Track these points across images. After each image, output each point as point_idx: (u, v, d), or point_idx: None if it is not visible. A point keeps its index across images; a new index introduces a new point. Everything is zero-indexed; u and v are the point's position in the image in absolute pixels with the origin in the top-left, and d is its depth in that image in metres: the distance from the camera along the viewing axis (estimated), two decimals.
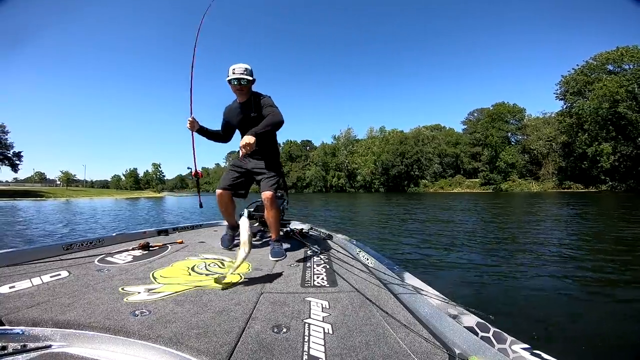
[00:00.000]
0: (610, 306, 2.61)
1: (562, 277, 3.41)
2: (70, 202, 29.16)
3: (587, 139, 44.63)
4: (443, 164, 69.51)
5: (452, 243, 5.62)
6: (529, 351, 0.83)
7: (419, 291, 1.37)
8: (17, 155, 53.27)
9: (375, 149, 73.20)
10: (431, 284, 1.41)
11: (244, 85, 2.20)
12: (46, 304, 1.21)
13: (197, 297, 1.35)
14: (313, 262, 2.10)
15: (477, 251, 4.91)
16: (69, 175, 71.02)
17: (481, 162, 63.43)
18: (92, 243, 2.39)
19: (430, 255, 4.65)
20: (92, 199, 38.40)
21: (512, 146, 59.85)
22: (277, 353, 0.92)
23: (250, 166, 2.37)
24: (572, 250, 4.78)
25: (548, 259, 4.27)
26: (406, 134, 73.37)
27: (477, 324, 1.02)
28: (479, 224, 8.54)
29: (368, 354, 0.94)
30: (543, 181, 54.19)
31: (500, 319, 2.19)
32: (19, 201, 28.88)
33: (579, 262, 4.06)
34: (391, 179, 70.73)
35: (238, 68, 2.18)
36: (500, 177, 57.47)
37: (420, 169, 68.95)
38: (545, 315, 2.41)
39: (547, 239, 5.91)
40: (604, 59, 44.41)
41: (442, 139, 71.85)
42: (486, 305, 2.54)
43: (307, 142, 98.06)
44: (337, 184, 77.03)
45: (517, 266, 3.93)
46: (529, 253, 4.67)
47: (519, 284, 3.22)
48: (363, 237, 6.47)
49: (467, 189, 61.18)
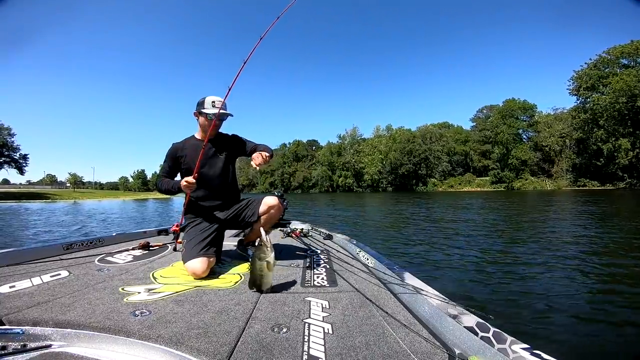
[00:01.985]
0: (612, 306, 2.59)
1: (562, 277, 3.39)
2: (78, 203, 29.64)
3: (603, 135, 43.79)
4: (452, 162, 68.89)
5: (453, 243, 5.60)
6: (528, 351, 0.83)
7: (419, 291, 1.37)
8: (23, 158, 54.50)
9: (382, 148, 72.91)
10: (431, 284, 1.41)
11: (221, 121, 2.03)
12: (46, 303, 1.23)
13: (197, 297, 1.37)
14: (313, 262, 2.11)
15: (478, 251, 4.88)
16: (76, 178, 72.77)
17: (491, 160, 62.64)
18: (92, 243, 2.42)
19: (432, 255, 4.64)
20: (100, 200, 39.00)
21: (524, 143, 59.03)
22: (277, 353, 0.93)
23: (223, 215, 2.06)
24: (576, 251, 4.69)
25: (549, 259, 4.24)
26: (414, 132, 72.91)
27: (477, 324, 1.02)
28: (487, 223, 8.45)
29: (368, 354, 0.95)
30: (556, 179, 53.38)
31: (500, 319, 2.22)
32: (23, 204, 29.47)
33: (581, 262, 4.01)
34: (399, 178, 70.42)
35: (219, 102, 1.96)
36: (512, 175, 56.69)
37: (428, 168, 68.45)
38: (545, 315, 2.40)
39: (551, 238, 5.81)
40: (618, 52, 43.51)
41: (450, 136, 71.18)
42: (486, 305, 2.54)
43: (312, 142, 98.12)
44: (344, 183, 76.91)
45: (517, 266, 3.92)
46: (531, 253, 4.63)
47: (520, 284, 3.21)
48: (370, 239, 6.46)
49: (478, 188, 60.54)
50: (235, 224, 2.13)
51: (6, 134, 50.76)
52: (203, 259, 1.73)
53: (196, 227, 1.94)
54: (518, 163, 56.51)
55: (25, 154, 54.66)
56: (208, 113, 1.94)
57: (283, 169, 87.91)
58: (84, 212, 17.70)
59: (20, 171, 54.86)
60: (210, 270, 1.77)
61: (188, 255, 1.76)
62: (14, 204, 28.55)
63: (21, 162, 54.18)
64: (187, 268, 1.72)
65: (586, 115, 46.20)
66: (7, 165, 53.07)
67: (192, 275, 1.69)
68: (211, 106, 1.95)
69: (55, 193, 48.93)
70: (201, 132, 2.05)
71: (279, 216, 2.14)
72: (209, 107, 1.96)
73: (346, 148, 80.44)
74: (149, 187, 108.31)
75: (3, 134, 50.07)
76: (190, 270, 1.69)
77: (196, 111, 2.01)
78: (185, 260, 1.75)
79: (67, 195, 46.21)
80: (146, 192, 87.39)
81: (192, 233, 1.91)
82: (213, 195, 2.05)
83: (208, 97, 1.98)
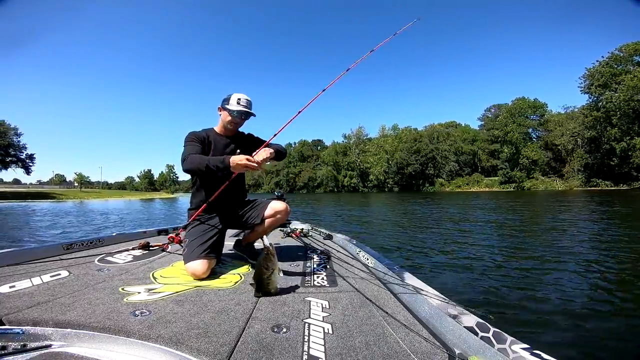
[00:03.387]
0: (613, 307, 2.59)
1: (563, 277, 3.39)
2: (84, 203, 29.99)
3: (617, 134, 43.06)
4: (460, 162, 68.46)
5: (455, 243, 5.59)
6: (528, 351, 0.83)
7: (419, 291, 1.37)
8: (30, 158, 55.54)
9: (387, 147, 72.67)
10: (431, 284, 1.42)
11: (243, 119, 2.03)
12: (46, 303, 1.24)
13: (197, 297, 1.38)
14: (313, 262, 2.12)
15: (478, 251, 4.86)
16: (82, 177, 74.26)
17: (500, 160, 62.06)
18: (92, 243, 2.44)
19: (434, 255, 4.65)
20: (107, 199, 39.42)
21: (534, 142, 58.35)
22: (277, 353, 0.93)
23: (227, 215, 2.05)
24: (579, 251, 4.67)
25: (551, 259, 4.22)
26: (420, 131, 72.53)
27: (477, 324, 1.02)
28: (493, 222, 8.36)
29: (368, 354, 0.95)
30: (568, 179, 52.59)
31: (500, 319, 2.22)
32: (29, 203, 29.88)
33: (582, 263, 3.98)
34: (405, 178, 70.20)
35: (245, 100, 1.97)
36: (523, 175, 56.08)
37: (435, 168, 68.12)
38: (545, 315, 2.41)
39: (558, 238, 5.76)
40: (631, 50, 42.78)
41: (458, 136, 70.73)
42: (486, 305, 2.55)
43: (317, 142, 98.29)
44: (349, 183, 76.90)
45: (517, 266, 3.93)
46: (533, 253, 4.61)
47: (520, 284, 3.21)
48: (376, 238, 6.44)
49: (486, 188, 60.00)
50: (238, 224, 2.12)
51: (12, 134, 51.71)
52: (204, 261, 1.72)
53: (199, 227, 1.92)
54: (528, 162, 55.97)
55: (31, 153, 55.76)
56: (231, 110, 1.94)
57: (288, 169, 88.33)
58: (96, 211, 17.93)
59: (27, 171, 55.94)
60: (211, 271, 1.78)
61: (189, 256, 1.75)
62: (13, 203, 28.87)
63: (27, 162, 55.25)
64: (187, 269, 1.72)
65: (599, 113, 45.43)
66: (14, 165, 54.16)
67: (192, 276, 1.69)
68: (236, 103, 1.95)
69: (61, 193, 49.68)
70: (221, 127, 2.05)
71: (283, 221, 2.13)
72: (233, 104, 1.95)
73: (351, 148, 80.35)
74: (155, 187, 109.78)
75: (9, 134, 51.00)
76: (191, 271, 1.69)
77: (220, 106, 2.01)
78: (187, 261, 1.75)
79: (72, 195, 46.88)
80: (152, 192, 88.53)
81: (194, 233, 1.88)
82: (221, 194, 1.97)
83: (235, 94, 1.96)
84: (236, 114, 1.95)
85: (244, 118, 2.01)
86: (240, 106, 1.94)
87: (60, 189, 68.73)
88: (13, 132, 51.89)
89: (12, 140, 51.72)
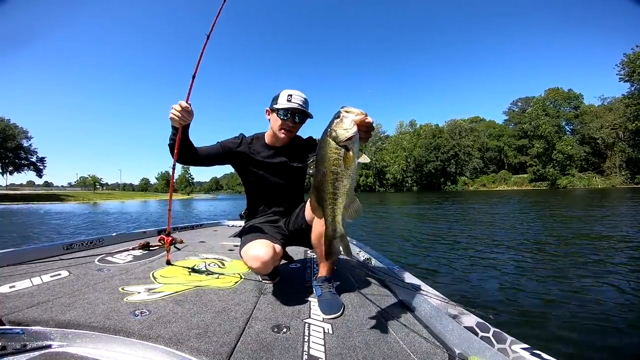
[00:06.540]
0: (613, 306, 2.62)
1: (564, 277, 3.42)
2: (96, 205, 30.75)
3: None
4: (484, 158, 66.59)
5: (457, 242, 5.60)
6: (528, 351, 0.85)
7: (419, 291, 1.39)
8: (40, 161, 58.20)
9: (405, 144, 71.53)
10: (431, 284, 1.44)
11: (297, 123, 1.63)
12: (46, 303, 1.29)
13: (197, 297, 1.42)
14: (313, 262, 2.17)
15: (479, 251, 4.87)
16: (96, 179, 77.75)
17: (529, 156, 59.79)
18: (92, 243, 2.54)
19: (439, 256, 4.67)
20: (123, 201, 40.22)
21: (569, 137, 55.95)
22: (277, 353, 0.97)
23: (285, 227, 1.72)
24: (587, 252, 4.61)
25: (552, 259, 4.24)
26: (441, 127, 70.94)
27: (477, 324, 1.03)
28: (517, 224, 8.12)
29: (368, 354, 0.98)
30: (608, 175, 50.32)
31: (500, 319, 2.25)
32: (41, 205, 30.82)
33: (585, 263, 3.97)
34: (425, 176, 68.83)
35: (298, 96, 1.58)
36: (557, 172, 53.89)
37: (458, 165, 66.51)
38: (545, 315, 2.44)
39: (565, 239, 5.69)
40: None
41: (482, 131, 68.84)
42: (486, 306, 2.58)
43: None
44: (366, 183, 76.21)
45: (518, 266, 3.96)
46: (534, 253, 4.62)
47: (520, 284, 3.24)
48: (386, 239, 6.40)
49: (514, 186, 58.27)
50: (300, 240, 1.70)
51: (22, 137, 54.07)
52: (265, 241, 1.43)
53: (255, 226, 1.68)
54: (563, 158, 53.61)
55: (42, 156, 58.43)
56: (280, 108, 1.57)
57: None
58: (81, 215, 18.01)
59: (39, 173, 58.51)
60: (211, 271, 1.82)
61: (244, 242, 1.50)
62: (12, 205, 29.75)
63: (39, 165, 57.84)
64: (244, 257, 1.44)
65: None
66: (26, 168, 56.73)
67: (253, 263, 1.37)
68: (286, 100, 1.57)
69: (72, 194, 51.28)
70: (271, 135, 1.69)
71: None
72: (282, 102, 1.57)
73: (367, 145, 79.56)
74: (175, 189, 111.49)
75: (19, 137, 53.33)
76: (251, 256, 1.38)
77: (269, 107, 1.65)
78: (242, 248, 1.49)
79: (82, 197, 48.28)
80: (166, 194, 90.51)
81: (250, 229, 1.64)
82: (274, 203, 1.74)
83: (285, 90, 1.60)
84: (284, 114, 1.57)
85: (299, 121, 1.62)
86: (291, 104, 1.56)
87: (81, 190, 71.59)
88: (23, 135, 54.21)
89: (20, 143, 53.92)
